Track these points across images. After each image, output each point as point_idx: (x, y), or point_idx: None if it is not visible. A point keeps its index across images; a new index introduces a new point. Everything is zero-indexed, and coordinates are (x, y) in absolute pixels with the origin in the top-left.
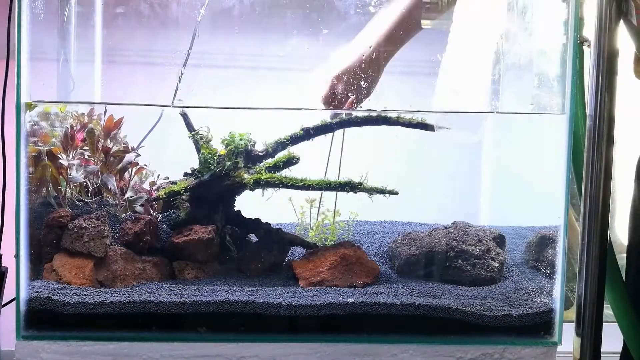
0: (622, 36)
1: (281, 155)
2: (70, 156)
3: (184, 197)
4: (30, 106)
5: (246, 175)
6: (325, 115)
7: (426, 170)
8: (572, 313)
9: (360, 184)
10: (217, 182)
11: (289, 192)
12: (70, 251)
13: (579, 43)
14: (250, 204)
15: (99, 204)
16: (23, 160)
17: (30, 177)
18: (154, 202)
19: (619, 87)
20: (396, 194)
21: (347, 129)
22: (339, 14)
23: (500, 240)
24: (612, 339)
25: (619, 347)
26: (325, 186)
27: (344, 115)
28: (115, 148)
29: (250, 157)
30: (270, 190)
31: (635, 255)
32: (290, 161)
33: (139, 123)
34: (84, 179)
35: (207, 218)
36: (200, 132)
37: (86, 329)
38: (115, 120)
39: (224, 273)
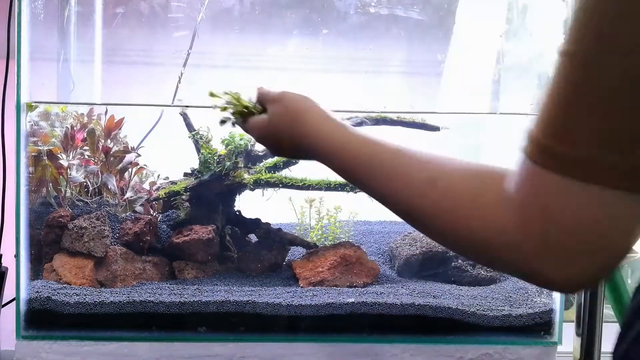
0: None
1: None
2: (71, 156)
3: (184, 197)
4: (30, 107)
5: (246, 175)
6: None
7: None
8: (572, 313)
9: None
10: (217, 182)
11: (289, 192)
12: (70, 251)
13: None
14: (251, 204)
15: (99, 204)
16: (23, 160)
17: (30, 177)
18: (154, 202)
19: None
20: None
21: None
22: (339, 14)
23: None
24: (612, 339)
25: None
26: (325, 186)
27: (344, 116)
28: (115, 148)
29: (250, 157)
30: (270, 190)
31: None
32: (290, 161)
33: (139, 123)
34: (84, 179)
35: (207, 218)
36: (200, 132)
37: (86, 329)
38: (116, 121)
39: (224, 273)
